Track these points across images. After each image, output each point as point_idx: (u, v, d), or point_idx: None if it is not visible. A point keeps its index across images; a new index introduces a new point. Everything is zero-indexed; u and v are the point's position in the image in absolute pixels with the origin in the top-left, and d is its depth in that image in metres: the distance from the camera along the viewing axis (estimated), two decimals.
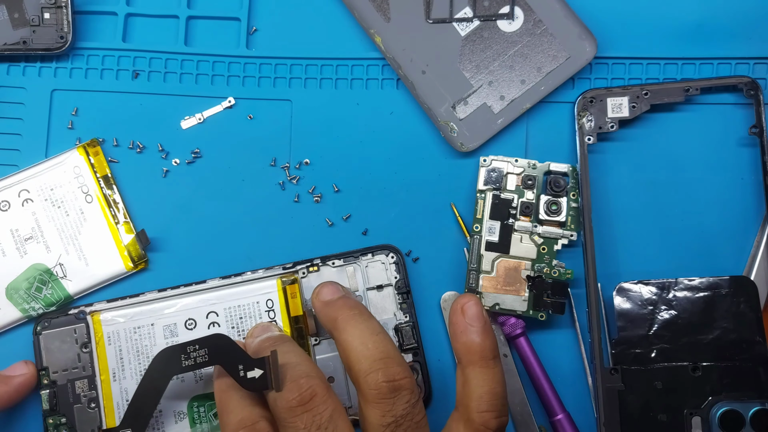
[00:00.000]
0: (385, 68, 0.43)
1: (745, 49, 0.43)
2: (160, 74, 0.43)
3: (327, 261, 0.41)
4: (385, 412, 0.31)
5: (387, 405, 0.31)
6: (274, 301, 0.40)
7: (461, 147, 0.41)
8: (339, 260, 0.41)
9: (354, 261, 0.41)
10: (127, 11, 0.43)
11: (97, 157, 0.42)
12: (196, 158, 0.42)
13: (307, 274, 0.40)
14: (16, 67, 0.43)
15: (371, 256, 0.41)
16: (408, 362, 0.40)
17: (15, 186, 0.41)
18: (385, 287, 0.40)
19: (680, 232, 0.42)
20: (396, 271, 0.41)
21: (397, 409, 0.31)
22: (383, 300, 0.40)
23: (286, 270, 0.40)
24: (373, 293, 0.40)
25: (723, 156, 0.42)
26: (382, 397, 0.31)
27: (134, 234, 0.41)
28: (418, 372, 0.40)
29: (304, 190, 0.42)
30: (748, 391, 0.38)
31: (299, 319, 0.40)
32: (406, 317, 0.40)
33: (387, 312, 0.40)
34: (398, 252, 0.41)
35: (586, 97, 0.41)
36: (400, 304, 0.40)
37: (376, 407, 0.31)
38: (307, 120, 0.43)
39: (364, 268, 0.41)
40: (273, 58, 0.43)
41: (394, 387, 0.32)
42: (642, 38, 0.43)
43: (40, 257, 0.41)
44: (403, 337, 0.40)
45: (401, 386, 0.32)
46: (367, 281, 0.41)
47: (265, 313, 0.40)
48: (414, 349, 0.40)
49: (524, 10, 0.42)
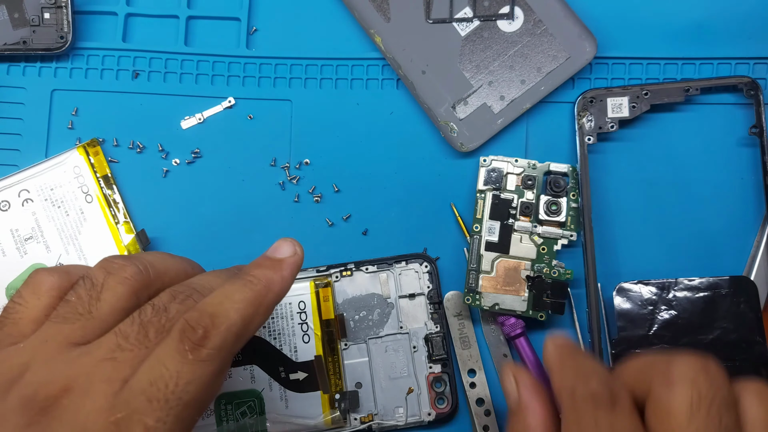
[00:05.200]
0: (385, 68, 0.43)
1: (745, 49, 0.43)
2: (160, 74, 0.43)
3: (361, 266, 0.41)
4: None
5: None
6: (307, 303, 0.40)
7: (461, 147, 0.41)
8: (373, 266, 0.41)
9: (387, 268, 0.41)
10: (127, 11, 0.43)
11: (97, 157, 0.42)
12: (196, 158, 0.42)
13: (341, 278, 0.40)
14: (16, 67, 0.43)
15: (405, 263, 0.41)
16: (437, 373, 0.40)
17: (15, 186, 0.41)
18: (417, 296, 0.40)
19: (680, 232, 0.42)
20: (429, 281, 0.40)
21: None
22: (414, 309, 0.40)
23: (319, 273, 0.41)
24: (404, 301, 0.40)
25: (723, 156, 0.42)
26: None
27: (134, 234, 0.41)
28: (446, 383, 0.40)
29: (304, 190, 0.42)
30: None
31: (330, 323, 0.40)
32: (437, 327, 0.40)
33: (418, 321, 0.40)
34: (432, 261, 0.41)
35: (586, 97, 0.41)
36: (431, 314, 0.40)
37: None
38: (307, 120, 0.43)
39: (398, 275, 0.41)
40: (273, 58, 0.43)
41: None
42: (642, 38, 0.43)
43: (40, 257, 0.41)
44: (433, 347, 0.40)
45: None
46: (399, 289, 0.40)
47: (297, 314, 0.40)
48: (444, 360, 0.40)
49: (524, 10, 0.42)
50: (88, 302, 0.27)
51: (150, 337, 0.25)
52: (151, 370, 0.24)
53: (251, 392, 0.39)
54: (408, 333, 0.40)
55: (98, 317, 0.26)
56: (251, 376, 0.39)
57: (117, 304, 0.27)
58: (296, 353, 0.39)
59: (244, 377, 0.39)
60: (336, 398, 0.39)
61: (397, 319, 0.40)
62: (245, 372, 0.39)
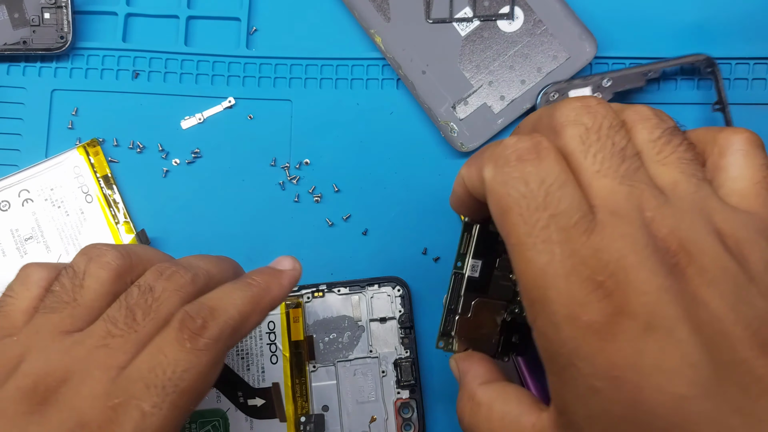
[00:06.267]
0: (385, 68, 0.43)
1: (745, 49, 0.43)
2: (160, 74, 0.43)
3: (333, 288, 0.40)
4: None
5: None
6: (276, 323, 0.40)
7: (461, 147, 0.41)
8: (345, 288, 0.40)
9: (360, 290, 0.40)
10: (127, 11, 0.43)
11: (97, 157, 0.42)
12: (196, 158, 0.42)
13: (312, 299, 0.40)
14: (16, 67, 0.43)
15: (377, 287, 0.40)
16: (405, 398, 0.39)
17: (15, 186, 0.41)
18: (388, 320, 0.40)
19: None
20: (401, 305, 0.40)
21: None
22: (385, 333, 0.40)
23: (290, 293, 0.40)
24: (375, 325, 0.40)
25: None
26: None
27: (134, 234, 0.41)
28: (414, 409, 0.39)
29: (304, 190, 0.42)
30: None
31: (299, 344, 0.39)
32: (407, 353, 0.40)
33: (388, 345, 0.40)
34: (405, 285, 0.40)
35: (548, 92, 0.41)
36: (402, 338, 0.40)
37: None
38: (307, 120, 0.43)
39: (369, 298, 0.40)
40: (273, 58, 0.43)
41: None
42: (642, 38, 0.43)
43: (40, 257, 0.41)
44: (401, 372, 0.39)
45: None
46: (371, 312, 0.40)
47: (266, 334, 0.39)
48: (411, 386, 0.39)
49: (524, 10, 0.42)
50: (72, 290, 0.27)
51: (138, 319, 0.26)
52: (150, 357, 0.25)
53: (216, 412, 0.39)
54: (378, 357, 0.40)
55: (84, 304, 0.27)
56: (217, 396, 0.39)
57: (101, 289, 0.27)
58: (263, 374, 0.39)
59: (209, 396, 0.39)
60: (302, 421, 0.38)
61: (367, 343, 0.40)
62: (211, 391, 0.39)
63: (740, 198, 0.23)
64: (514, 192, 0.22)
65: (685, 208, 0.22)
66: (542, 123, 0.24)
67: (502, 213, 0.22)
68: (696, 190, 0.22)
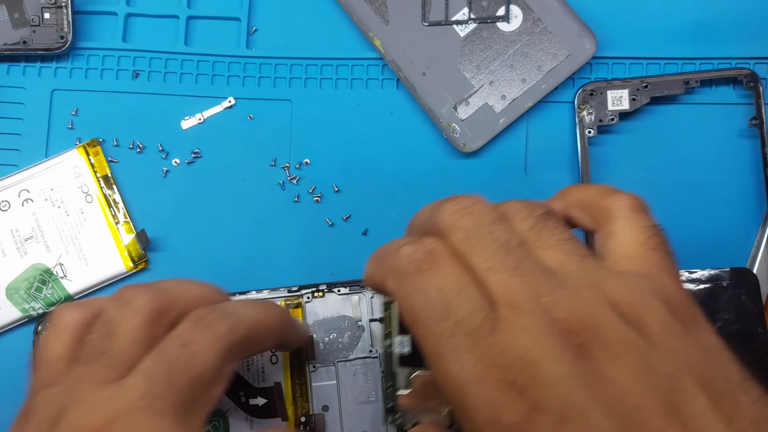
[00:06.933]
0: (385, 68, 0.43)
1: (745, 49, 0.43)
2: (160, 74, 0.43)
3: (333, 288, 0.40)
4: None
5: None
6: None
7: (464, 147, 0.41)
8: (345, 288, 0.40)
9: (360, 290, 0.40)
10: (127, 11, 0.43)
11: (97, 157, 0.42)
12: (196, 158, 0.42)
13: (312, 299, 0.40)
14: (16, 67, 0.43)
15: None
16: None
17: (15, 186, 0.41)
18: None
19: (681, 224, 0.42)
20: None
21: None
22: None
23: (291, 293, 0.40)
24: (376, 325, 0.40)
25: (724, 148, 0.42)
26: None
27: (134, 234, 0.41)
28: None
29: (304, 190, 0.42)
30: None
31: None
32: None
33: None
34: None
35: (586, 90, 0.41)
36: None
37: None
38: (307, 120, 0.43)
39: (369, 298, 0.40)
40: (273, 58, 0.43)
41: None
42: (642, 38, 0.43)
43: (40, 257, 0.41)
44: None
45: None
46: (371, 312, 0.40)
47: None
48: None
49: (523, 9, 0.42)
50: (106, 340, 0.27)
51: (174, 378, 0.25)
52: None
53: (216, 412, 0.38)
54: (378, 357, 0.39)
55: (119, 353, 0.26)
56: None
57: (136, 336, 0.26)
58: (263, 374, 0.39)
59: None
60: (302, 421, 0.38)
61: (367, 343, 0.40)
62: None
63: (629, 261, 0.24)
64: (417, 305, 0.22)
65: (578, 285, 0.22)
66: (430, 225, 0.25)
67: (412, 324, 0.23)
68: (581, 266, 0.23)
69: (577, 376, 0.20)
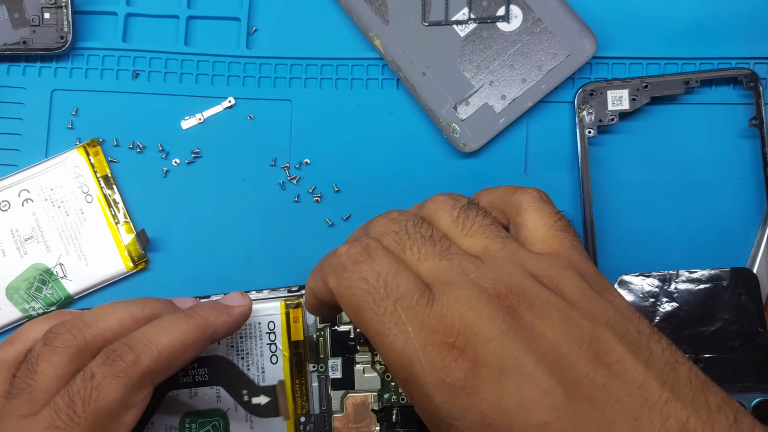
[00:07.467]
0: (385, 68, 0.43)
1: (745, 49, 0.43)
2: (160, 74, 0.43)
3: None
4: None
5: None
6: (276, 323, 0.39)
7: (464, 147, 0.41)
8: None
9: None
10: (127, 11, 0.43)
11: (97, 157, 0.42)
12: (196, 158, 0.42)
13: None
14: (16, 67, 0.43)
15: None
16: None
17: (15, 186, 0.41)
18: None
19: (682, 224, 0.42)
20: None
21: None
22: None
23: (291, 293, 0.40)
24: None
25: (724, 148, 0.42)
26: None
27: (134, 234, 0.41)
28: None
29: (304, 190, 0.42)
30: (750, 382, 0.38)
31: (299, 344, 0.39)
32: None
33: None
34: None
35: (586, 90, 0.41)
36: None
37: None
38: (307, 120, 0.43)
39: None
40: (273, 58, 0.43)
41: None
42: (642, 38, 0.43)
43: (40, 257, 0.41)
44: None
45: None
46: None
47: (266, 334, 0.39)
48: None
49: (523, 9, 0.42)
50: (28, 376, 0.29)
51: (78, 411, 0.27)
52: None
53: (216, 411, 0.38)
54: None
55: (39, 389, 0.28)
56: (217, 396, 0.38)
57: (54, 373, 0.29)
58: (263, 374, 0.39)
59: (209, 396, 0.38)
60: (302, 421, 0.38)
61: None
62: (211, 391, 0.38)
63: (542, 244, 0.27)
64: (358, 291, 0.25)
65: (500, 263, 0.25)
66: (362, 236, 0.27)
67: (355, 312, 0.25)
68: (503, 246, 0.26)
69: (510, 331, 0.22)
